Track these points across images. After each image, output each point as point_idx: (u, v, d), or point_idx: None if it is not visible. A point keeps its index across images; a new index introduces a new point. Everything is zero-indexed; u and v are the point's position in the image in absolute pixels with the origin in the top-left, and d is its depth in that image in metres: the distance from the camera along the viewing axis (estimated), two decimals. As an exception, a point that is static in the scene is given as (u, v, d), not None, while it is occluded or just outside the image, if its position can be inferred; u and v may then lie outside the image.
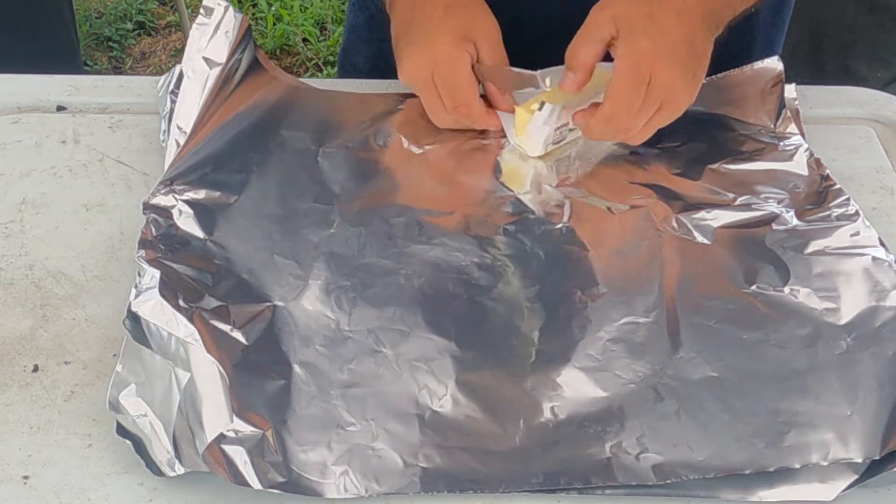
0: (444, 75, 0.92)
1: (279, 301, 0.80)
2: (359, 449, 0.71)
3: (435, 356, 0.77)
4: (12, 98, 1.03)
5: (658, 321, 0.79)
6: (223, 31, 0.99)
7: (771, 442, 0.71)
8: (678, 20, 0.88)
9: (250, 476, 0.68)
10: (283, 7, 2.87)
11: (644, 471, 0.70)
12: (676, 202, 0.91)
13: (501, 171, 0.95)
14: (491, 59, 0.94)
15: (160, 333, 0.75)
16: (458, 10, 0.95)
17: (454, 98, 0.93)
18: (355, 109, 1.00)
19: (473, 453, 0.71)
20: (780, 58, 1.02)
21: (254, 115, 0.98)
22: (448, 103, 0.94)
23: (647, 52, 0.87)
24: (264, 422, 0.71)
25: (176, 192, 0.88)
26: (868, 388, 0.75)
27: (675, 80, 0.88)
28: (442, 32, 0.93)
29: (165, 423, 0.70)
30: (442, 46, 0.92)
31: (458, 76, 0.92)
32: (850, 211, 0.89)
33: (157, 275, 0.79)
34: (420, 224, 0.88)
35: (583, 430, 0.72)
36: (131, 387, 0.72)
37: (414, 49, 0.93)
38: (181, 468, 0.68)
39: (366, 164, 0.95)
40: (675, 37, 0.88)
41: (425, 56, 0.92)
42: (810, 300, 0.81)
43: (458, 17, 0.94)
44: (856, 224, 0.88)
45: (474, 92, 0.93)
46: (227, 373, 0.73)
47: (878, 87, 1.12)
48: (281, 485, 0.68)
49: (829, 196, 0.91)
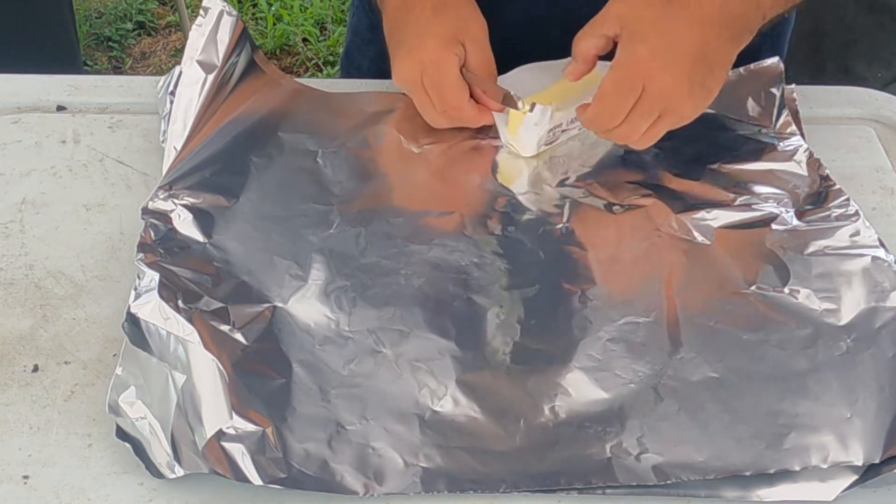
0: (434, 79, 0.92)
1: (279, 302, 0.80)
2: (359, 448, 0.71)
3: (435, 356, 0.77)
4: (12, 98, 1.03)
5: (658, 321, 0.80)
6: (219, 33, 0.99)
7: (771, 443, 0.71)
8: (689, 28, 0.87)
9: (250, 472, 0.68)
10: (283, 7, 2.87)
11: (644, 471, 0.70)
12: (676, 202, 0.91)
13: (500, 171, 0.95)
14: (477, 60, 0.94)
15: (159, 334, 0.75)
16: (447, 10, 0.94)
17: (444, 101, 0.93)
18: (353, 110, 1.00)
19: (474, 453, 0.71)
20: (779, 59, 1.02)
21: (252, 118, 0.98)
22: (438, 106, 0.94)
23: (642, 58, 0.86)
24: (264, 419, 0.71)
25: (175, 197, 0.88)
26: (868, 390, 0.75)
27: (674, 88, 0.86)
28: (430, 35, 0.92)
29: (164, 425, 0.70)
30: (430, 50, 0.92)
31: (446, 80, 0.92)
32: (850, 211, 0.89)
33: (156, 277, 0.79)
34: (419, 224, 0.88)
35: (583, 431, 0.72)
36: (131, 389, 0.72)
37: (403, 52, 0.93)
38: (180, 470, 0.68)
39: (364, 164, 0.95)
40: (679, 45, 0.86)
41: (414, 59, 0.92)
42: (810, 301, 0.81)
43: (446, 17, 0.94)
44: (856, 224, 0.88)
45: (464, 94, 0.93)
46: (227, 371, 0.73)
47: (878, 87, 1.12)
48: (282, 480, 0.68)
49: (828, 196, 0.91)
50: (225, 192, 0.90)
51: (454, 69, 0.92)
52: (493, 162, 0.96)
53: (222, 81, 0.98)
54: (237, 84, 1.00)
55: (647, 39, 0.86)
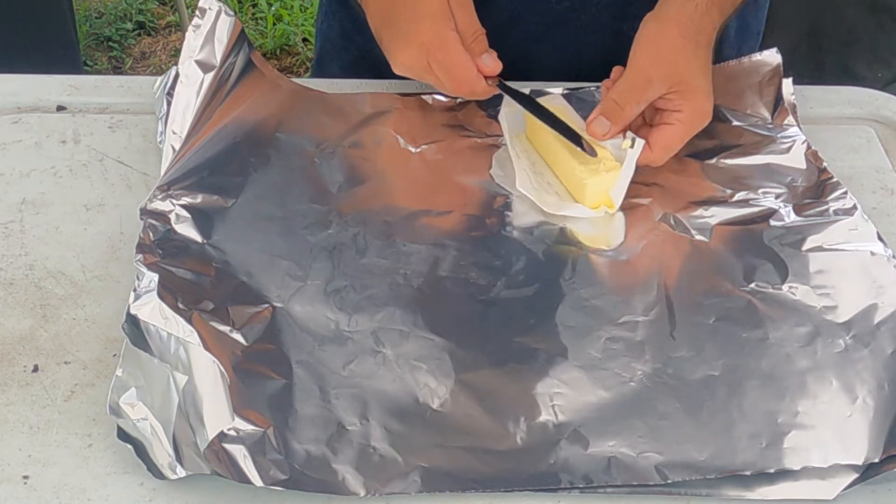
0: (439, 59, 0.91)
1: (278, 302, 0.80)
2: (360, 448, 0.71)
3: (435, 356, 0.77)
4: (12, 98, 1.03)
5: (657, 320, 0.80)
6: (216, 34, 0.99)
7: (771, 442, 0.71)
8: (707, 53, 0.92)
9: (251, 473, 0.68)
10: (283, 7, 2.87)
11: (645, 470, 0.70)
12: (674, 200, 0.91)
13: (498, 171, 0.94)
14: (465, 23, 0.93)
15: (159, 335, 0.75)
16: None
17: (455, 79, 0.92)
18: (351, 110, 1.00)
19: (474, 452, 0.71)
20: (777, 51, 1.02)
21: (250, 119, 0.98)
22: (449, 85, 0.93)
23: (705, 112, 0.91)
24: (265, 420, 0.71)
25: (173, 198, 0.88)
26: (868, 388, 0.75)
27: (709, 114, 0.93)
28: (423, 16, 0.92)
29: (165, 426, 0.70)
30: (428, 32, 0.91)
31: (452, 58, 0.92)
32: (848, 205, 0.89)
33: (155, 278, 0.79)
34: (418, 224, 0.88)
35: (583, 429, 0.72)
36: (132, 391, 0.72)
37: (401, 41, 0.93)
38: (182, 471, 0.68)
39: (363, 164, 0.95)
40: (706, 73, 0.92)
41: (414, 45, 0.92)
42: (809, 298, 0.81)
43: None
44: (853, 218, 0.88)
45: (472, 68, 0.92)
46: (227, 372, 0.73)
47: (878, 87, 1.12)
48: (283, 482, 0.68)
49: (826, 190, 0.91)
50: (223, 192, 0.89)
51: (457, 45, 0.91)
52: (490, 161, 0.95)
53: (220, 82, 0.98)
54: (235, 85, 0.99)
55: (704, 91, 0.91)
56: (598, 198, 0.89)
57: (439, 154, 0.96)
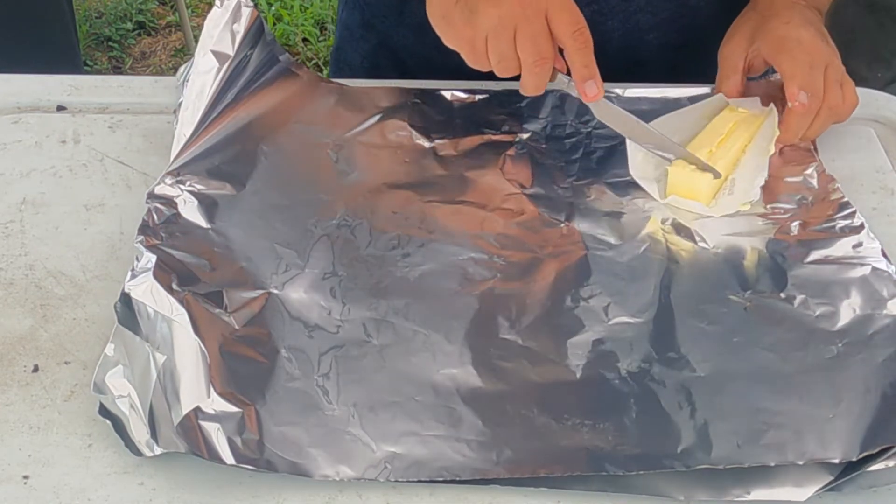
0: (526, 29, 0.87)
1: (274, 288, 0.80)
2: (335, 433, 0.71)
3: (420, 348, 0.77)
4: (12, 98, 1.03)
5: (648, 322, 0.79)
6: (234, 24, 1.00)
7: (749, 439, 0.71)
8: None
9: (224, 451, 0.68)
10: (283, 7, 2.87)
11: (617, 461, 0.69)
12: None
13: (509, 168, 0.95)
14: None
15: (148, 314, 0.75)
16: None
17: (538, 51, 0.88)
18: (366, 103, 1.01)
19: (449, 441, 0.71)
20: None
21: (264, 108, 0.98)
22: (530, 56, 0.88)
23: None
24: (243, 401, 0.71)
25: (182, 183, 0.88)
26: (854, 391, 0.74)
27: None
28: None
29: (143, 402, 0.70)
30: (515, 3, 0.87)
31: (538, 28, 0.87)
32: (856, 223, 0.88)
33: (153, 259, 0.79)
34: (422, 218, 0.88)
35: (561, 423, 0.72)
36: (118, 368, 0.73)
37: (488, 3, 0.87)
38: (158, 448, 0.68)
39: (374, 157, 0.95)
40: None
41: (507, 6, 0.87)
42: (805, 306, 0.81)
43: None
44: (859, 236, 0.87)
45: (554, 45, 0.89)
46: (212, 353, 0.73)
47: (878, 87, 1.12)
48: (254, 461, 0.68)
49: (835, 208, 0.90)
50: (233, 179, 0.90)
51: (543, 18, 0.88)
52: (502, 159, 0.96)
53: (236, 72, 0.99)
54: (251, 75, 1.00)
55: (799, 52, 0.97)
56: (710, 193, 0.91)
57: (451, 149, 0.96)
